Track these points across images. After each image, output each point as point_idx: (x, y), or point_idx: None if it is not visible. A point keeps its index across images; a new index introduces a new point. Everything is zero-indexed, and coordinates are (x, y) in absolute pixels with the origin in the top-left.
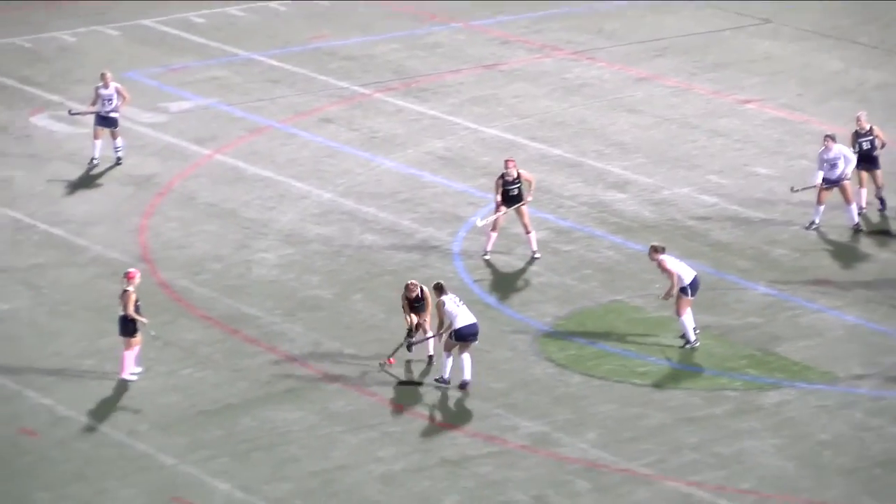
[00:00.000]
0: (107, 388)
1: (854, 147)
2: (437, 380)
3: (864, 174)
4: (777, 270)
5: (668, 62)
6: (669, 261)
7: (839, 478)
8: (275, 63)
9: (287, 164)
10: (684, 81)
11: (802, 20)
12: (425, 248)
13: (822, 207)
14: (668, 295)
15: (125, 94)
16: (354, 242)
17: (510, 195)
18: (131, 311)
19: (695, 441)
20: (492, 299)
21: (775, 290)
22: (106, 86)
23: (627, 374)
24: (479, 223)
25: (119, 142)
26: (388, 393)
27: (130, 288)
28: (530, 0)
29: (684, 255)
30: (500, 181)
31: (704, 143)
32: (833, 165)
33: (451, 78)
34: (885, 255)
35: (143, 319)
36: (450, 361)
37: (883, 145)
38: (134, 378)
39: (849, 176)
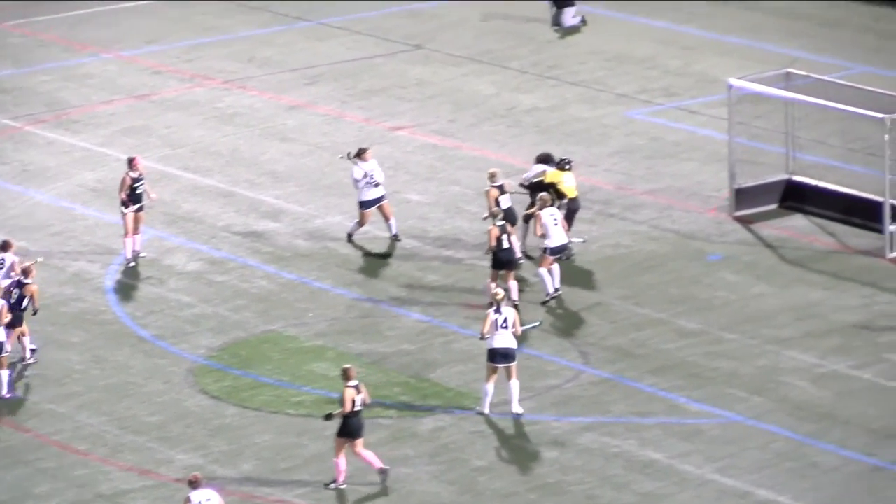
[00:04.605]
0: None
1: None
2: (546, 299)
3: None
4: (430, 296)
5: (321, 90)
6: None
7: (495, 503)
8: None
9: None
10: (336, 109)
11: (454, 46)
12: (77, 281)
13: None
14: None
15: None
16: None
17: (136, 192)
18: None
19: (351, 469)
20: (145, 332)
21: (428, 317)
22: None
23: (282, 404)
24: (124, 210)
25: None
26: (44, 428)
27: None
28: (182, 31)
29: (338, 284)
30: (128, 178)
31: None
32: (368, 184)
33: (102, 109)
34: (535, 279)
35: None
36: (547, 276)
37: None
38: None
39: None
